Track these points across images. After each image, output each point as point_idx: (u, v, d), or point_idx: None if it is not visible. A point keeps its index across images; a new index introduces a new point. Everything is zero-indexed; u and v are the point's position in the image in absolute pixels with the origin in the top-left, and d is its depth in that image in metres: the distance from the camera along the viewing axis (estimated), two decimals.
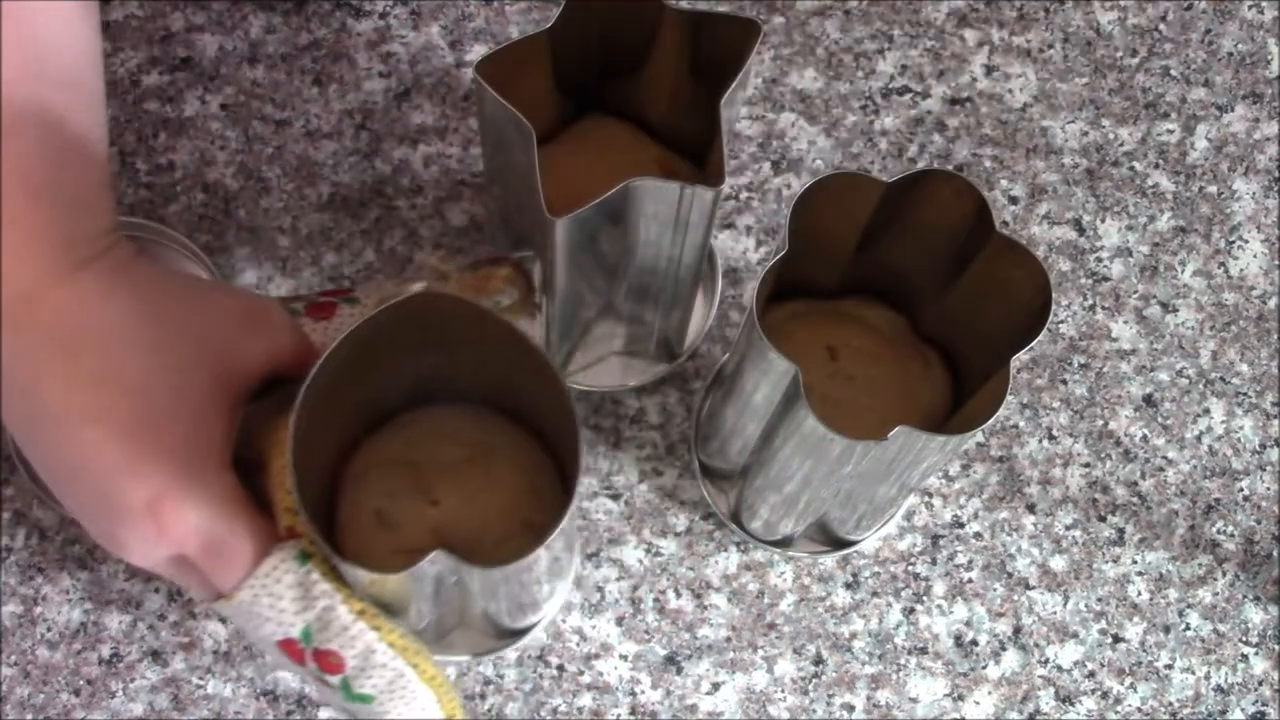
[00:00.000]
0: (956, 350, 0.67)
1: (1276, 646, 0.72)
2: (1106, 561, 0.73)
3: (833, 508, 0.65)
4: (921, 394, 0.67)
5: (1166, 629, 0.72)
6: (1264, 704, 0.72)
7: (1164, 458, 0.75)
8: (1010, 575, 0.73)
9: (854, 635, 0.71)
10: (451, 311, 0.56)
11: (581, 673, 0.70)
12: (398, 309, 0.55)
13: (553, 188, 0.61)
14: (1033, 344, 0.56)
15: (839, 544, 0.71)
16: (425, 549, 0.53)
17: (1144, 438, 0.75)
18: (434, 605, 0.61)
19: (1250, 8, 0.82)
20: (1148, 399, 0.75)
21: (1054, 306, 0.57)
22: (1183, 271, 0.77)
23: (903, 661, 0.71)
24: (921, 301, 0.67)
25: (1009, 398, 0.56)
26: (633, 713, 0.70)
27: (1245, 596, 0.73)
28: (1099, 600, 0.72)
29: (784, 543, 0.71)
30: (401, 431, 0.65)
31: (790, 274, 0.62)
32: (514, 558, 0.54)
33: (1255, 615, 0.73)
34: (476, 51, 0.78)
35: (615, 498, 0.73)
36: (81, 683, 0.69)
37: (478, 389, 0.64)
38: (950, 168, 0.78)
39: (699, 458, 0.72)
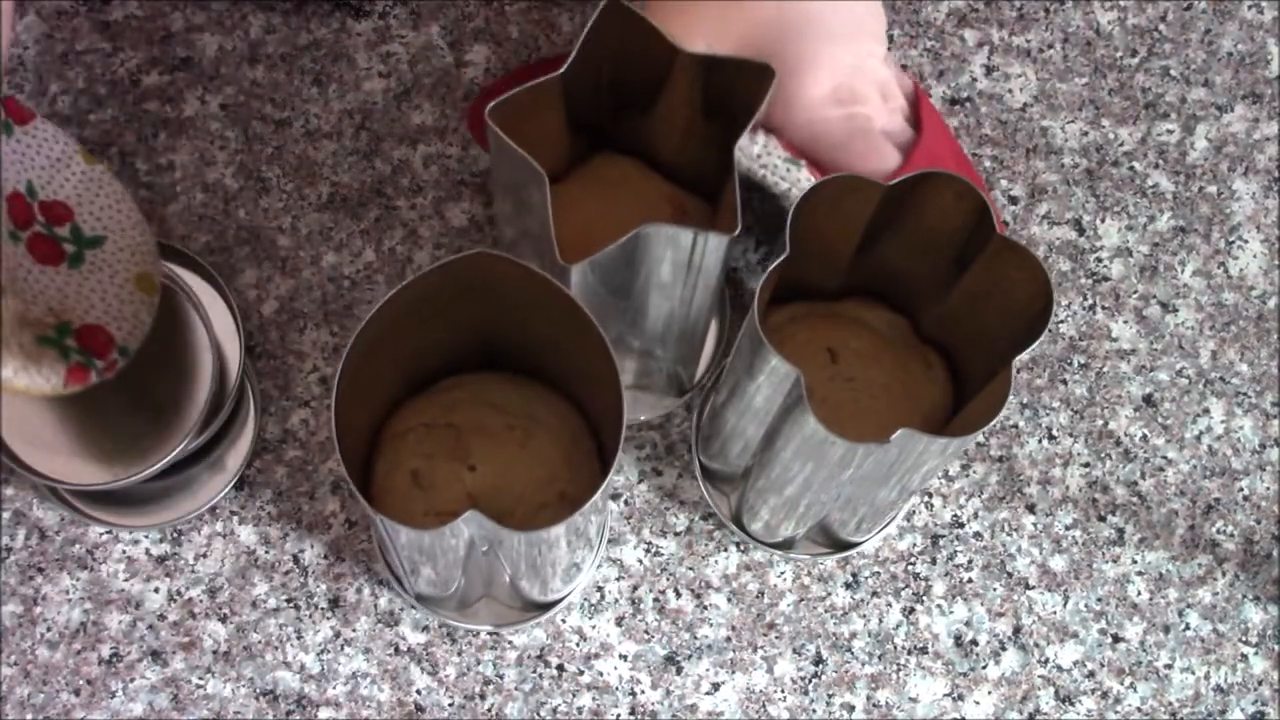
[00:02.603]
0: (957, 351, 0.67)
1: (1276, 646, 0.72)
2: (1106, 561, 0.73)
3: (834, 510, 0.65)
4: (922, 396, 0.67)
5: (1166, 629, 0.72)
6: (1264, 704, 0.72)
7: (1164, 458, 0.75)
8: (1010, 575, 0.73)
9: (854, 635, 0.71)
10: (500, 273, 0.57)
11: (581, 673, 0.70)
12: (446, 269, 0.55)
13: (565, 227, 0.62)
14: (1033, 346, 0.57)
15: (840, 545, 0.71)
16: (459, 512, 0.53)
17: (1144, 438, 0.75)
18: (463, 571, 0.61)
19: (1250, 8, 0.82)
20: (1148, 399, 0.75)
21: (1054, 307, 0.57)
22: (1182, 271, 0.77)
23: (903, 661, 0.71)
24: (922, 303, 0.67)
25: (1009, 398, 0.56)
26: (633, 713, 0.70)
27: (1245, 596, 0.73)
28: (1099, 600, 0.72)
29: (785, 545, 0.71)
30: (444, 395, 0.66)
31: (790, 276, 0.62)
32: (547, 526, 0.55)
33: (1255, 615, 0.73)
34: (477, 51, 0.78)
35: (615, 497, 0.73)
36: (81, 683, 0.69)
37: (522, 356, 0.65)
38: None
39: (700, 459, 0.72)
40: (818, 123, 0.65)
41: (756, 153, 0.65)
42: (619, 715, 0.70)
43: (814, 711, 0.70)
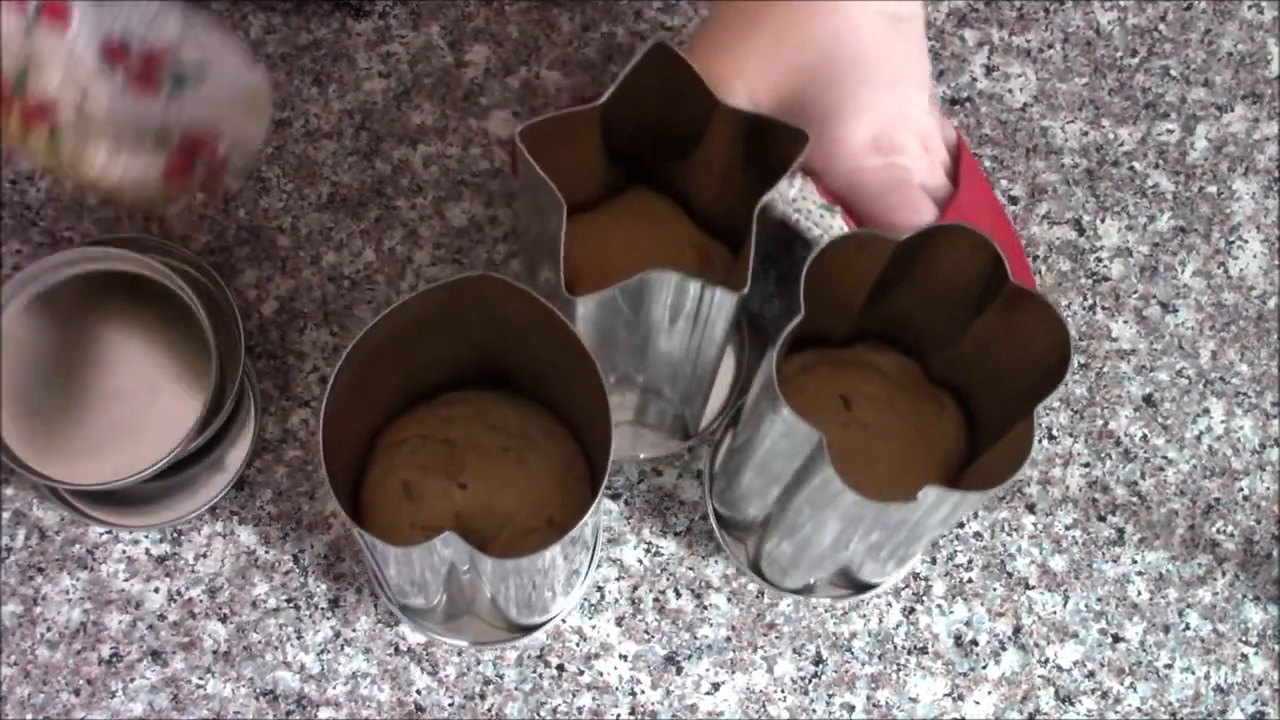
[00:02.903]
0: (969, 392, 0.66)
1: (1276, 646, 0.72)
2: (1106, 561, 0.73)
3: (857, 557, 0.65)
4: (935, 438, 0.66)
5: (1166, 629, 0.72)
6: (1264, 704, 0.72)
7: (1164, 457, 0.75)
8: (1010, 575, 0.73)
9: (854, 635, 0.71)
10: (504, 297, 0.57)
11: (581, 673, 0.70)
12: (450, 288, 0.56)
13: (586, 255, 0.61)
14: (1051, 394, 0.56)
15: (860, 587, 0.71)
16: (445, 529, 0.53)
17: (1144, 437, 0.75)
18: (445, 588, 0.61)
19: (1250, 8, 0.82)
20: (1148, 399, 0.75)
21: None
22: (1183, 271, 0.77)
23: (903, 661, 0.71)
24: (933, 347, 0.66)
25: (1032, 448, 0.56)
26: (633, 713, 0.70)
27: (1245, 596, 0.73)
28: (1099, 600, 0.72)
29: (806, 590, 0.70)
30: (444, 409, 0.66)
31: (800, 326, 0.61)
32: (529, 553, 0.55)
33: (1255, 615, 0.73)
34: (477, 51, 0.78)
35: (615, 498, 0.73)
36: (81, 683, 0.69)
37: (522, 378, 0.65)
38: None
39: (714, 508, 0.71)
40: (856, 172, 0.64)
41: (792, 196, 0.64)
42: (619, 715, 0.70)
43: (814, 711, 0.70)
